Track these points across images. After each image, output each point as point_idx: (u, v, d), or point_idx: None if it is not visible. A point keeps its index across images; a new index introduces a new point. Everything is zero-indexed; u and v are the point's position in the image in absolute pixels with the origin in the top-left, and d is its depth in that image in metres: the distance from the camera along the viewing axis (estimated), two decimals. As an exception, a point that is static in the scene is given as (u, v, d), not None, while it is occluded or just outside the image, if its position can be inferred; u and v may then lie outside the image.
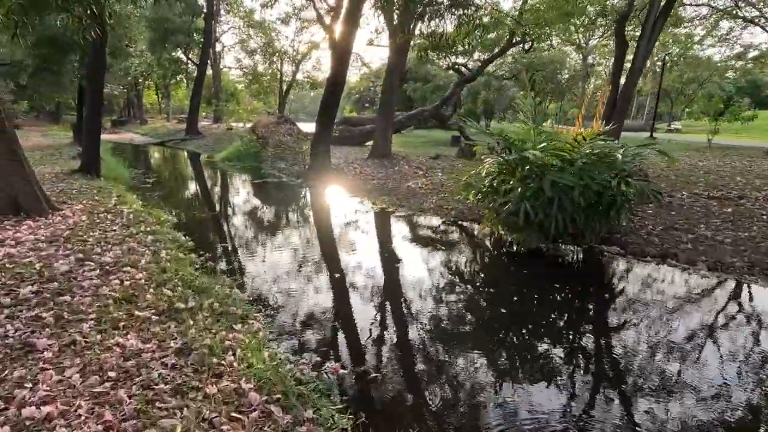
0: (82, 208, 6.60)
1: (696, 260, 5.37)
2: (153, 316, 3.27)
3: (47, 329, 2.89)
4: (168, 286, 3.95)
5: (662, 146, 6.08)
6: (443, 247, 6.37)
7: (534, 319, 4.15)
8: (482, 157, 6.79)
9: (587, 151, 5.37)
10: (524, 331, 3.96)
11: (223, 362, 2.76)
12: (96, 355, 2.65)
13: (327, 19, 14.43)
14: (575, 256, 5.86)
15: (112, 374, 2.48)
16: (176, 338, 2.99)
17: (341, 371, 3.02)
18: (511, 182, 5.72)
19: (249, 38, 31.02)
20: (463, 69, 23.55)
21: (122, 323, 3.10)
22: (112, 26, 15.31)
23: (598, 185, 5.17)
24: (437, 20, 8.40)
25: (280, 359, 3.02)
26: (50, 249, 4.48)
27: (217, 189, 11.35)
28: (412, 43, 12.19)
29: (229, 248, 5.99)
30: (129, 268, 4.23)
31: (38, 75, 16.29)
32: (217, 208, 8.94)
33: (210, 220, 7.84)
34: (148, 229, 5.85)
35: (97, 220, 5.91)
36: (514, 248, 6.10)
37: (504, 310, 4.33)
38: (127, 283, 3.86)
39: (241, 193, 10.60)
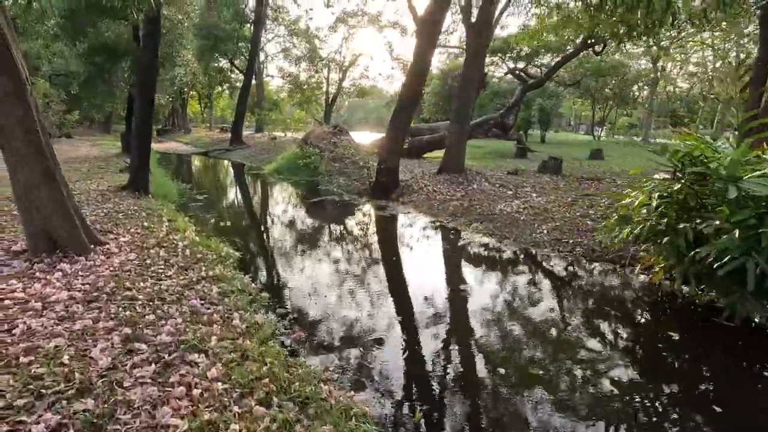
0: (130, 239, 5.40)
1: None
2: (251, 490, 1.82)
3: None
4: (257, 394, 2.53)
5: None
6: (595, 305, 4.68)
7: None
8: (644, 182, 5.07)
9: None
10: None
11: None
12: None
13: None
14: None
15: None
16: None
17: None
18: (716, 222, 3.99)
19: (293, 47, 30.45)
20: (522, 74, 21.75)
21: None
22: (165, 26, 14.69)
23: None
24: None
25: None
26: (87, 317, 3.17)
27: (274, 209, 10.09)
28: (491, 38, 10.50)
29: (313, 301, 4.55)
30: (196, 355, 2.84)
31: (90, 83, 15.89)
32: (279, 235, 7.61)
33: (276, 253, 6.49)
34: (210, 273, 4.53)
35: (148, 260, 4.65)
36: (685, 301, 4.35)
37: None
38: (197, 390, 2.45)
39: (303, 216, 9.25)
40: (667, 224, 4.49)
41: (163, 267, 4.50)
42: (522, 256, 6.15)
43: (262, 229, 8.16)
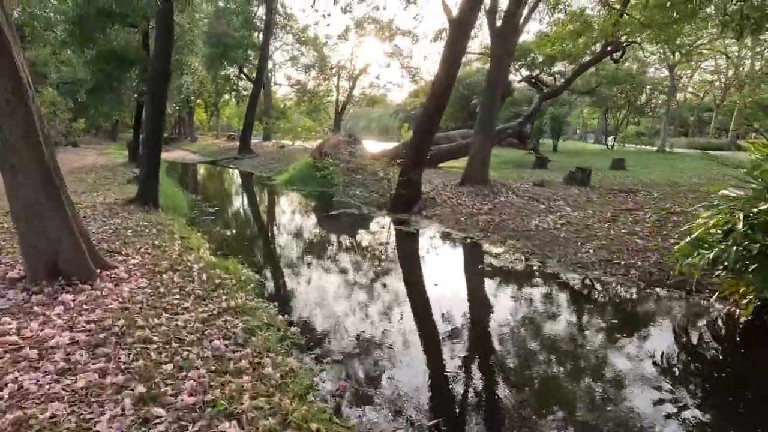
0: (140, 261, 4.86)
1: None
2: None
3: None
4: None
5: None
6: (675, 341, 4.08)
7: None
8: (718, 202, 4.49)
9: None
10: None
11: None
12: None
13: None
14: None
15: None
16: None
17: None
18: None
19: (301, 55, 30.22)
20: (538, 82, 21.30)
21: None
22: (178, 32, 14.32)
23: None
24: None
25: None
26: (92, 367, 2.61)
27: (290, 224, 9.51)
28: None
29: (350, 336, 3.97)
30: (226, 423, 2.27)
31: (98, 91, 15.53)
32: (300, 255, 7.02)
33: (299, 276, 5.90)
34: (232, 303, 3.97)
35: (161, 288, 4.10)
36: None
37: None
38: (232, 483, 1.88)
39: (322, 231, 8.66)
40: (759, 250, 3.90)
41: (178, 297, 3.95)
42: (573, 280, 5.54)
43: (281, 246, 7.60)
